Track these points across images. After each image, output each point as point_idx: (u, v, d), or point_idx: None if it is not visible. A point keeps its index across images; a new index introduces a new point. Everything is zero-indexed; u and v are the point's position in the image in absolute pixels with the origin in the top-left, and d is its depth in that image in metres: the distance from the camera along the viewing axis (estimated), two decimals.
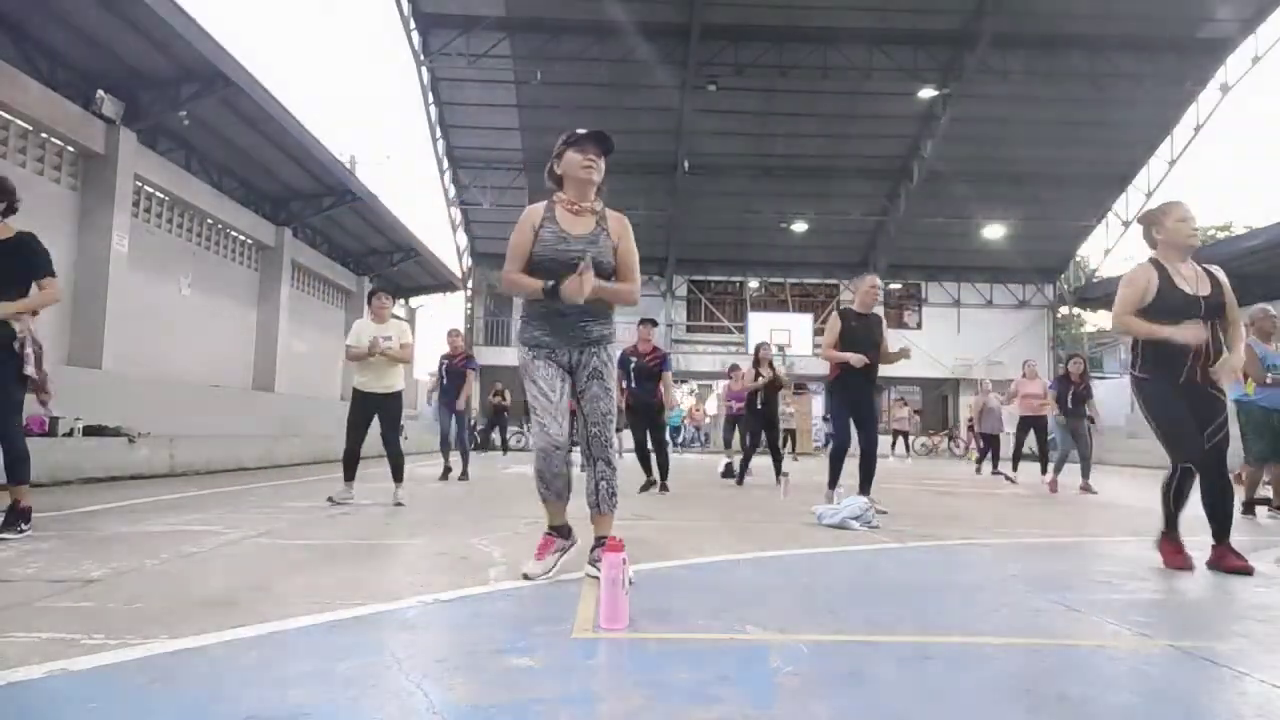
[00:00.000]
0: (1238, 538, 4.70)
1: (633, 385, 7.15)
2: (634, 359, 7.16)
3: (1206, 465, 3.36)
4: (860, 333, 5.54)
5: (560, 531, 3.07)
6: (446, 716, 1.54)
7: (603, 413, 2.98)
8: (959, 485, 9.76)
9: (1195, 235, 3.49)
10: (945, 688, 1.80)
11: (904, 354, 5.60)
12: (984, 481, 10.30)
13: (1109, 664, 2.00)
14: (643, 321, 7.40)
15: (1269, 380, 5.75)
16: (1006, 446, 10.73)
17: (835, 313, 5.80)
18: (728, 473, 8.92)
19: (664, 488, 7.06)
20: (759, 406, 8.68)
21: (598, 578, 2.79)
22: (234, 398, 12.27)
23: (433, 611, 2.44)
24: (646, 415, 7.27)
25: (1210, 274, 3.47)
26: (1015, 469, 10.20)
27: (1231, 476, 5.95)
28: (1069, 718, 1.61)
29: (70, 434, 7.38)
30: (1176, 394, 3.38)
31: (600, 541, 3.00)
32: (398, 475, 5.76)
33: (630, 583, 2.27)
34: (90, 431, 7.66)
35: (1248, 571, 3.27)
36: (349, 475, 5.72)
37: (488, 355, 24.50)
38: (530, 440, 3.07)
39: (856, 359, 5.31)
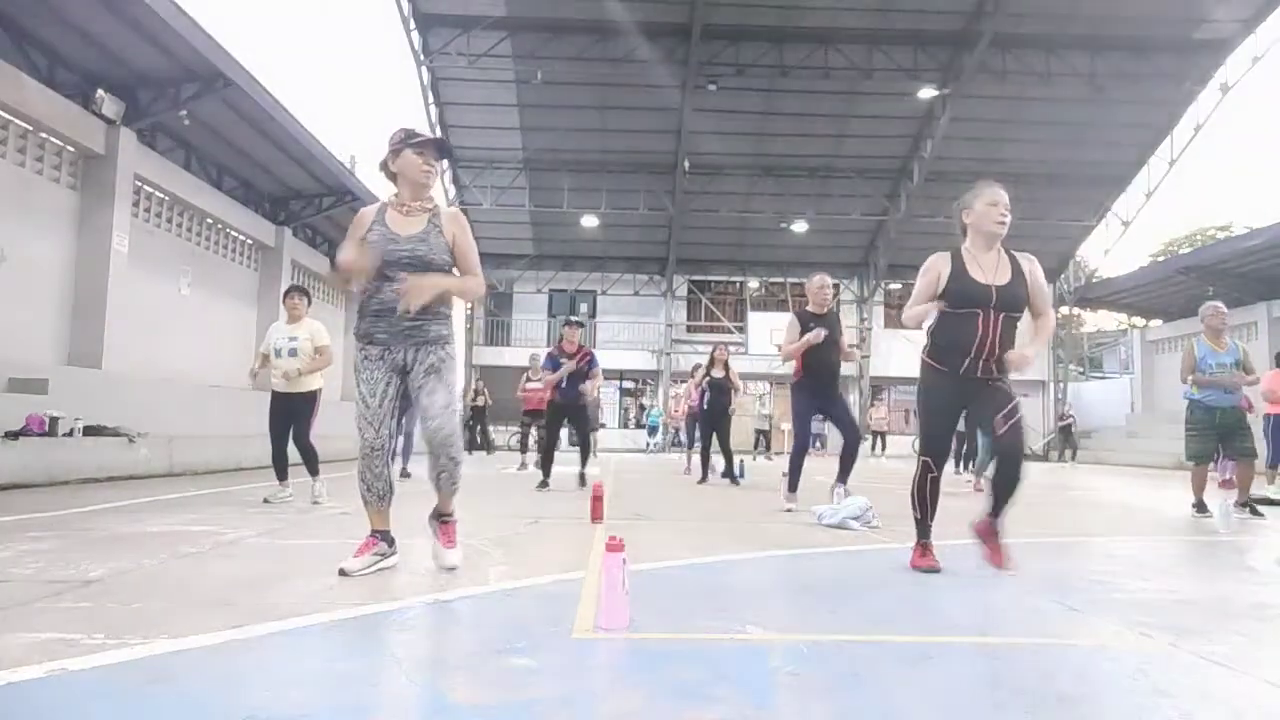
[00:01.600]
0: (1236, 538, 4.72)
1: (561, 384, 7.27)
2: (562, 359, 7.28)
3: (1001, 452, 3.23)
4: None
5: (384, 536, 3.04)
6: (446, 716, 1.54)
7: (441, 405, 2.94)
8: (957, 486, 9.74)
9: (1003, 222, 3.23)
10: (945, 688, 1.80)
11: (849, 355, 5.71)
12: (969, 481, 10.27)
13: (1109, 664, 2.00)
14: (568, 323, 7.55)
15: (1205, 379, 5.75)
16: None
17: (792, 315, 5.84)
18: (727, 473, 8.95)
19: (582, 478, 7.25)
20: (704, 406, 8.89)
21: (432, 539, 3.05)
22: (234, 398, 12.26)
23: (433, 611, 2.44)
24: (567, 413, 7.41)
25: (1015, 263, 3.27)
26: (966, 467, 10.15)
27: (1220, 481, 5.97)
28: (1069, 718, 1.61)
29: (70, 434, 7.37)
30: (952, 388, 3.26)
31: (442, 518, 3.07)
32: (312, 470, 5.74)
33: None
34: (90, 431, 7.65)
35: (998, 564, 3.14)
36: (280, 475, 5.73)
37: (487, 355, 24.52)
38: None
39: (814, 335, 5.39)
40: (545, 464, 7.36)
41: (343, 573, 2.88)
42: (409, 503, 3.42)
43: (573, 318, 7.84)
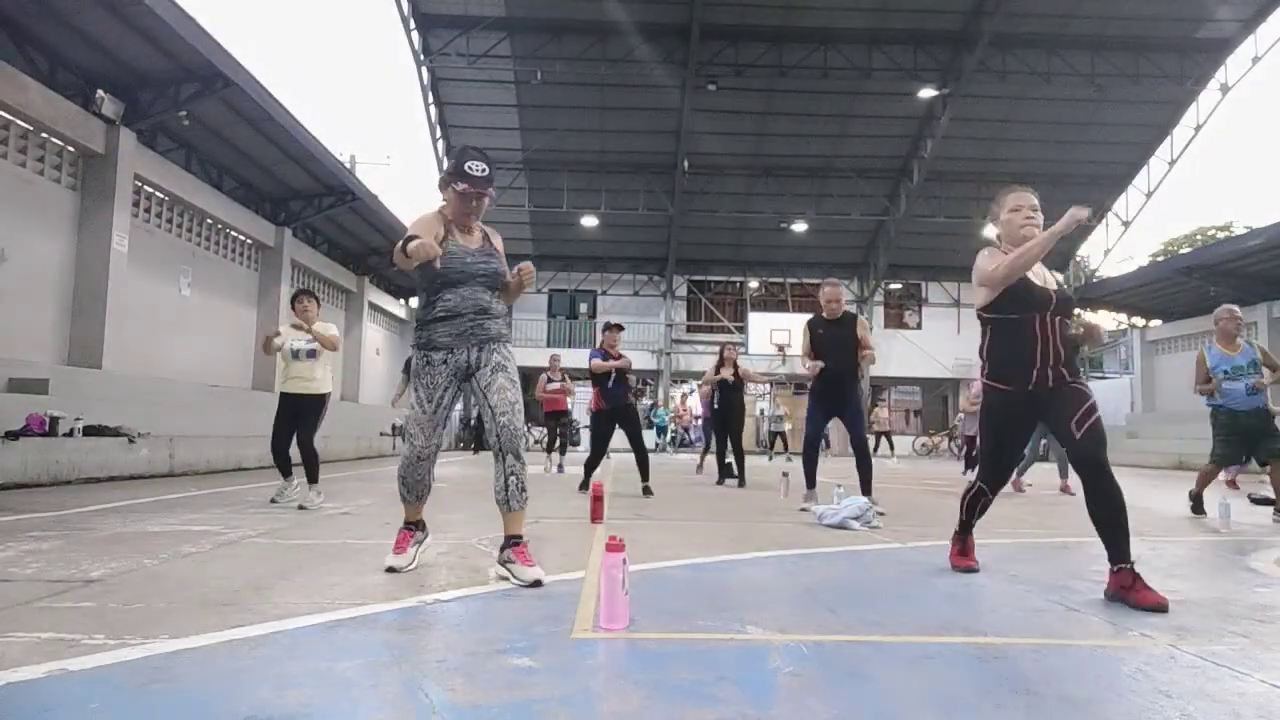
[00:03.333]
0: (1234, 537, 4.71)
1: (609, 387, 7.14)
2: (610, 359, 7.16)
3: (1081, 462, 2.83)
4: (829, 339, 5.65)
5: (417, 526, 3.18)
6: (446, 716, 1.54)
7: (510, 401, 2.99)
8: (958, 486, 9.74)
9: (1030, 225, 3.07)
10: (945, 688, 1.80)
11: (866, 355, 5.75)
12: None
13: (1109, 664, 2.00)
14: (609, 326, 7.40)
15: (1221, 379, 5.72)
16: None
17: (805, 323, 5.93)
18: (727, 473, 8.95)
19: (647, 490, 6.85)
20: (716, 406, 8.85)
21: (506, 578, 2.85)
22: (234, 398, 12.27)
23: (433, 611, 2.44)
24: (619, 417, 7.20)
25: (1052, 271, 3.21)
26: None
27: (1225, 480, 5.91)
28: (1069, 718, 1.61)
29: (70, 434, 7.37)
30: (1022, 409, 3.04)
31: (513, 541, 2.91)
32: (311, 476, 5.70)
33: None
34: (90, 431, 7.65)
35: (1163, 608, 2.53)
36: (284, 473, 5.73)
37: None
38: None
39: (813, 367, 5.58)
40: (589, 471, 7.08)
41: (391, 570, 2.97)
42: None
43: (612, 320, 7.58)
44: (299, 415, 5.70)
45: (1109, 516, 2.77)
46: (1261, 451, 5.70)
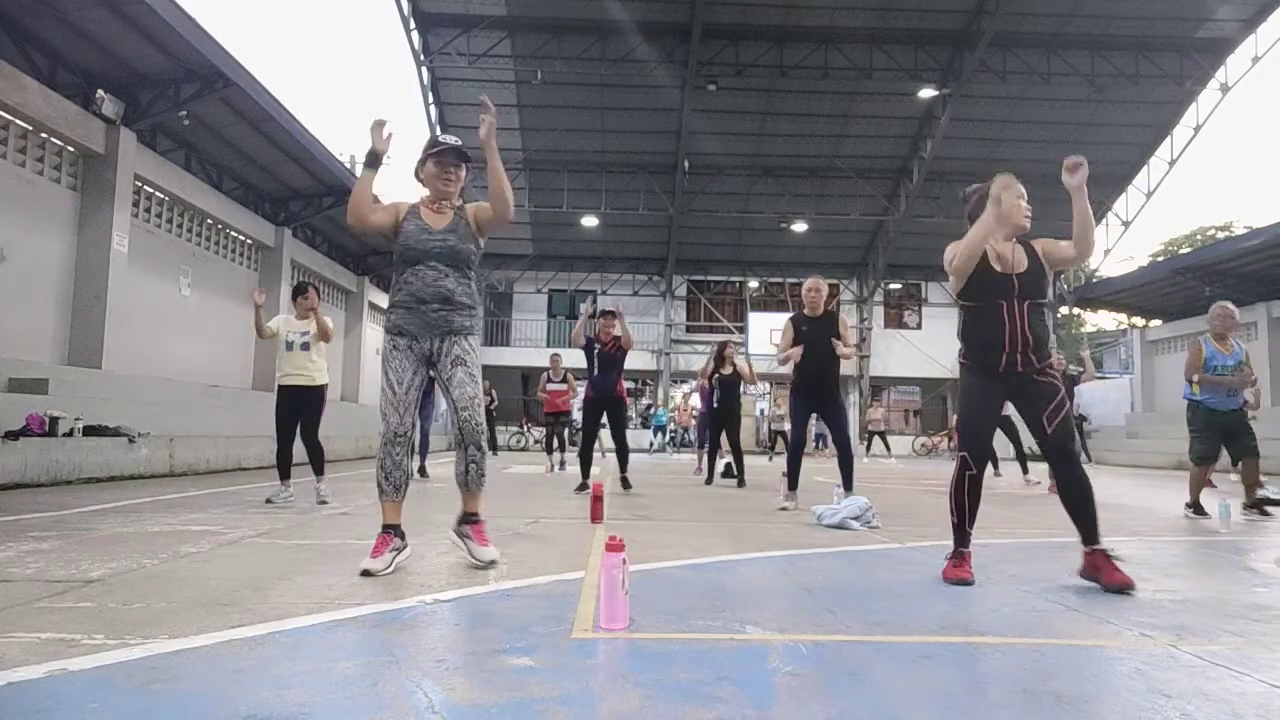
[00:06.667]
0: (1236, 538, 4.72)
1: (595, 376, 7.12)
2: (597, 345, 7.14)
3: (1053, 454, 3.06)
4: (812, 335, 5.67)
5: (395, 531, 3.09)
6: (446, 716, 1.54)
7: (470, 396, 3.12)
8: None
9: (1029, 215, 3.31)
10: (945, 688, 1.80)
11: (845, 355, 5.75)
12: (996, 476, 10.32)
13: (1109, 664, 2.00)
14: (605, 312, 7.34)
15: (1209, 380, 5.74)
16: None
17: (788, 320, 5.94)
18: (727, 472, 8.95)
19: (625, 482, 7.03)
20: (715, 405, 8.84)
21: (462, 546, 3.16)
22: (234, 398, 12.26)
23: (433, 611, 2.44)
24: (604, 407, 7.21)
25: (1030, 249, 3.29)
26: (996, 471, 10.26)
27: (1244, 480, 5.93)
28: (1069, 718, 1.61)
29: (70, 434, 7.37)
30: (991, 385, 3.17)
31: (470, 518, 3.18)
32: (318, 469, 5.72)
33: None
34: (90, 431, 7.65)
35: (1129, 587, 2.82)
36: (284, 474, 5.65)
37: (488, 355, 24.46)
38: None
39: (794, 353, 5.58)
40: (584, 465, 7.11)
41: (366, 573, 2.90)
42: (415, 501, 3.42)
43: (608, 308, 7.42)
44: (300, 409, 5.67)
45: (1080, 503, 3.04)
46: (1237, 449, 5.83)
